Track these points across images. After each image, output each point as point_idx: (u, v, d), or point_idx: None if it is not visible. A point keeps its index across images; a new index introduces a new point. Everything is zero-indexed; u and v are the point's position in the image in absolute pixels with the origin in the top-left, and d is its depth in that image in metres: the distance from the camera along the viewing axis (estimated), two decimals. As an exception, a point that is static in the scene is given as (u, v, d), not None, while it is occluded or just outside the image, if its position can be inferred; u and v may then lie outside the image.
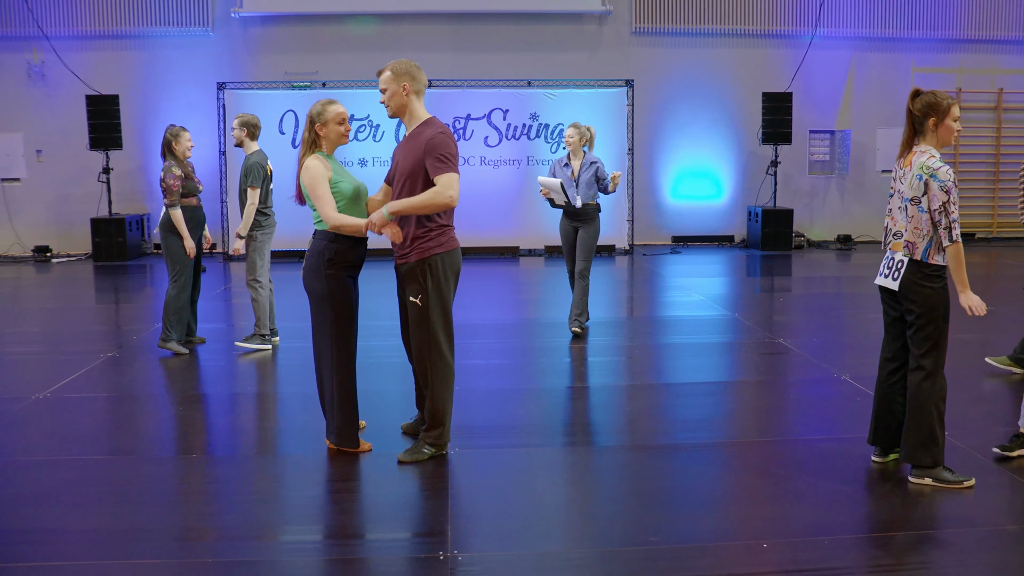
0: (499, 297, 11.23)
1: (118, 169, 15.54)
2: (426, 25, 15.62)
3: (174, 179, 7.71)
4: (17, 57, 15.75)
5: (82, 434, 5.82)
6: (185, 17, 15.73)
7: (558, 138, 15.01)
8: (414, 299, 5.00)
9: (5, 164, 15.96)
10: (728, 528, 4.30)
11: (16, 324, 9.98)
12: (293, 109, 14.92)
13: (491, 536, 4.19)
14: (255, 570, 3.85)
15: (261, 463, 5.29)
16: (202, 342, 8.24)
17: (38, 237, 16.02)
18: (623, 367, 7.55)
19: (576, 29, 15.85)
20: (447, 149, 4.85)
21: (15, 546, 4.09)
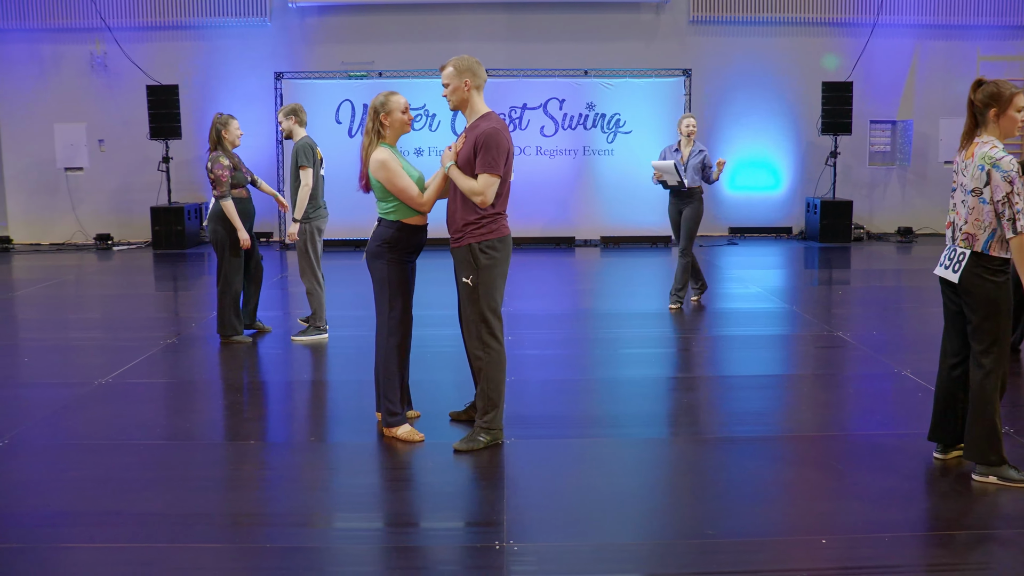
0: (554, 287, 11.21)
1: (177, 158, 15.74)
2: (482, 15, 15.60)
3: (222, 169, 7.68)
4: (81, 49, 16.00)
5: (142, 419, 5.90)
6: (243, 7, 15.87)
7: (615, 128, 14.91)
8: (465, 279, 5.11)
9: (69, 154, 16.24)
10: (785, 523, 4.25)
11: (78, 310, 10.17)
12: (349, 99, 14.98)
13: (546, 526, 4.18)
14: (310, 556, 3.87)
15: (316, 450, 5.33)
16: (268, 331, 8.32)
17: (100, 225, 16.29)
18: (678, 359, 7.50)
19: (633, 18, 15.73)
20: (498, 148, 4.97)
21: (80, 527, 4.17)
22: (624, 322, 8.72)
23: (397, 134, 5.32)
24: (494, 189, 4.98)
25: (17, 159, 16.40)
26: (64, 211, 16.43)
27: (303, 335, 7.99)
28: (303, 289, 8.10)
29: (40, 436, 5.52)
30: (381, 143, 5.25)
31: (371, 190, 5.31)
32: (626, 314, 9.14)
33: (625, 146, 14.92)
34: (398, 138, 5.35)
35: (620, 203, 14.92)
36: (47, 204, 16.46)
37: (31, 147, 16.29)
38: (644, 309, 9.43)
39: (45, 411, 6.00)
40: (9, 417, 5.87)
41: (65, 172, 16.33)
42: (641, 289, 11.08)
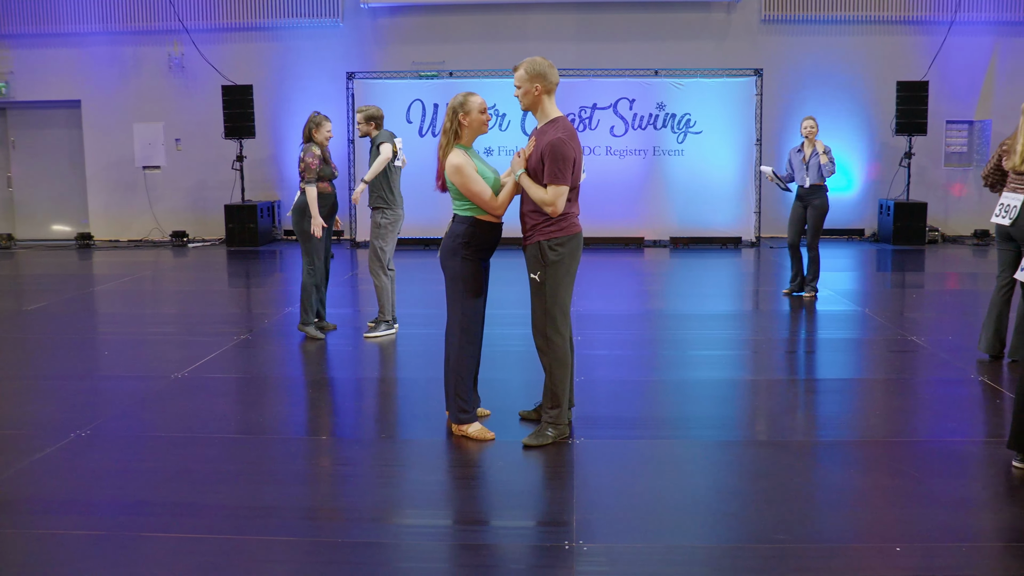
0: (623, 288, 11.18)
1: (251, 157, 16.01)
2: (552, 14, 15.62)
3: (313, 158, 7.86)
4: (159, 50, 16.36)
5: (216, 413, 6.03)
6: (316, 8, 16.07)
7: (685, 128, 14.83)
8: (533, 275, 5.16)
9: (147, 153, 16.61)
10: (859, 529, 4.18)
11: (155, 306, 10.40)
12: (420, 98, 15.10)
13: (616, 527, 4.17)
14: (381, 552, 3.93)
15: (386, 447, 5.39)
16: (333, 328, 8.40)
17: (176, 222, 16.64)
18: (748, 361, 7.44)
19: (704, 17, 15.63)
20: (564, 159, 4.99)
21: (159, 517, 4.28)
22: (693, 323, 8.67)
23: (475, 134, 5.34)
24: (563, 199, 5.02)
25: (98, 158, 16.83)
26: (142, 209, 16.81)
27: (374, 332, 8.10)
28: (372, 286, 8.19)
29: (120, 427, 5.67)
30: (457, 144, 5.27)
31: (447, 190, 5.35)
32: (695, 315, 9.09)
33: (695, 146, 14.84)
34: (475, 138, 5.37)
35: (690, 203, 14.85)
36: (126, 202, 16.87)
37: (111, 146, 16.70)
38: (714, 310, 9.38)
39: (124, 403, 6.16)
40: (91, 408, 6.05)
41: (143, 171, 16.71)
42: (711, 290, 11.02)
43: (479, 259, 5.30)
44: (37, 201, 17.44)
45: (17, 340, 8.37)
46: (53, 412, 6.02)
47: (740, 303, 10.39)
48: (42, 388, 6.70)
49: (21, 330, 8.81)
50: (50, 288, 11.53)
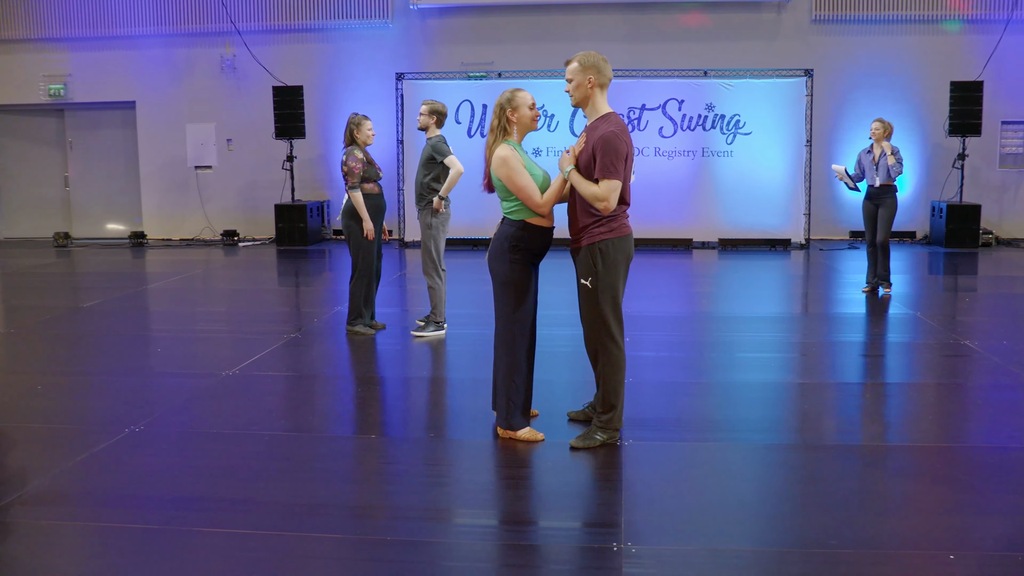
0: (671, 289, 11.14)
1: (301, 157, 16.17)
2: (601, 15, 15.61)
3: (356, 161, 7.93)
4: (212, 52, 16.58)
5: (266, 411, 6.10)
6: (366, 10, 16.19)
7: (734, 129, 14.74)
8: (584, 281, 5.08)
9: (199, 153, 16.84)
10: (911, 536, 4.11)
11: (206, 303, 10.54)
12: (469, 99, 15.16)
13: (665, 529, 4.16)
14: (429, 551, 3.95)
15: (434, 446, 5.41)
16: (382, 328, 8.46)
17: (227, 222, 16.85)
18: (797, 364, 7.38)
19: (754, 17, 15.52)
20: (617, 153, 4.89)
21: (211, 512, 4.34)
22: (741, 326, 8.63)
23: (524, 131, 5.26)
24: (616, 194, 4.92)
25: (152, 158, 17.09)
26: (194, 208, 17.04)
27: (423, 331, 8.14)
28: (422, 286, 8.24)
29: (172, 424, 5.76)
30: (506, 140, 5.19)
31: (494, 190, 5.30)
32: (744, 318, 9.05)
33: (745, 147, 14.75)
34: (524, 136, 5.29)
35: (739, 205, 14.76)
36: (178, 201, 17.11)
37: (165, 147, 16.96)
38: (762, 313, 9.33)
39: (177, 400, 6.25)
40: (144, 404, 6.14)
41: (195, 170, 16.95)
42: (759, 292, 10.95)
43: (528, 263, 5.21)
44: (92, 200, 17.76)
45: (73, 336, 8.53)
46: (108, 408, 6.13)
47: (789, 306, 10.31)
48: (97, 384, 6.83)
49: (77, 326, 8.97)
50: (105, 286, 11.73)
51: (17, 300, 11.02)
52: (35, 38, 17.06)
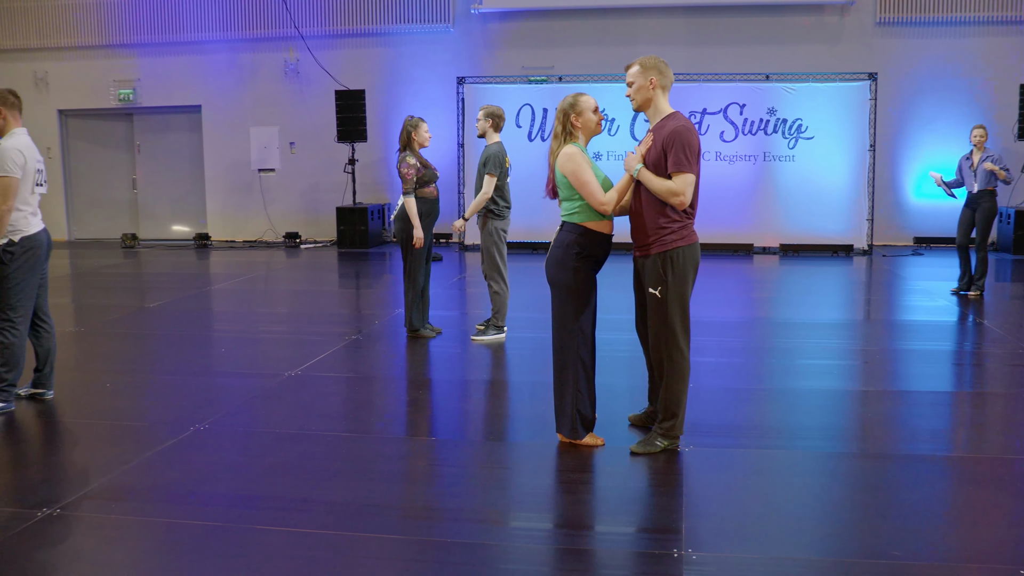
0: (732, 295, 11.07)
1: (362, 160, 16.33)
2: (662, 19, 15.56)
3: (409, 168, 7.98)
4: (276, 56, 16.82)
5: (327, 411, 6.17)
6: (428, 14, 16.32)
7: (796, 133, 14.61)
8: (653, 291, 5.02)
9: (262, 156, 17.09)
10: (978, 549, 4.02)
11: (268, 305, 10.69)
12: (530, 103, 15.20)
13: (726, 537, 4.12)
14: (487, 553, 3.96)
15: (492, 449, 5.43)
16: (439, 332, 8.51)
17: (289, 224, 17.07)
18: (858, 371, 7.30)
19: (817, 20, 15.36)
20: (689, 146, 4.85)
21: (271, 511, 4.40)
22: (803, 332, 8.55)
23: (589, 135, 5.21)
24: (691, 189, 4.86)
25: (216, 161, 17.39)
26: (257, 210, 17.29)
27: (483, 335, 8.18)
28: (481, 290, 8.27)
29: (236, 422, 5.85)
30: (571, 143, 5.15)
31: (557, 195, 5.26)
32: (805, 324, 8.96)
33: (807, 152, 14.61)
34: (589, 140, 5.25)
35: (800, 210, 14.63)
36: (242, 203, 17.37)
37: (229, 150, 17.24)
38: (824, 319, 9.23)
39: (240, 399, 6.36)
40: (209, 403, 6.26)
41: (259, 173, 17.19)
42: (821, 299, 10.84)
43: (589, 268, 5.15)
44: (159, 202, 18.12)
45: (139, 336, 8.70)
46: (174, 406, 6.25)
47: (851, 312, 10.19)
48: (163, 383, 6.96)
49: (143, 326, 9.15)
50: (170, 286, 11.96)
51: (86, 300, 11.27)
52: (106, 44, 17.47)
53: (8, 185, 5.88)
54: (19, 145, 6.01)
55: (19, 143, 6.03)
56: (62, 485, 4.79)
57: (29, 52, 17.85)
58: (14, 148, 5.96)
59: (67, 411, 6.19)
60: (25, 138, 6.13)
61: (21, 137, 6.10)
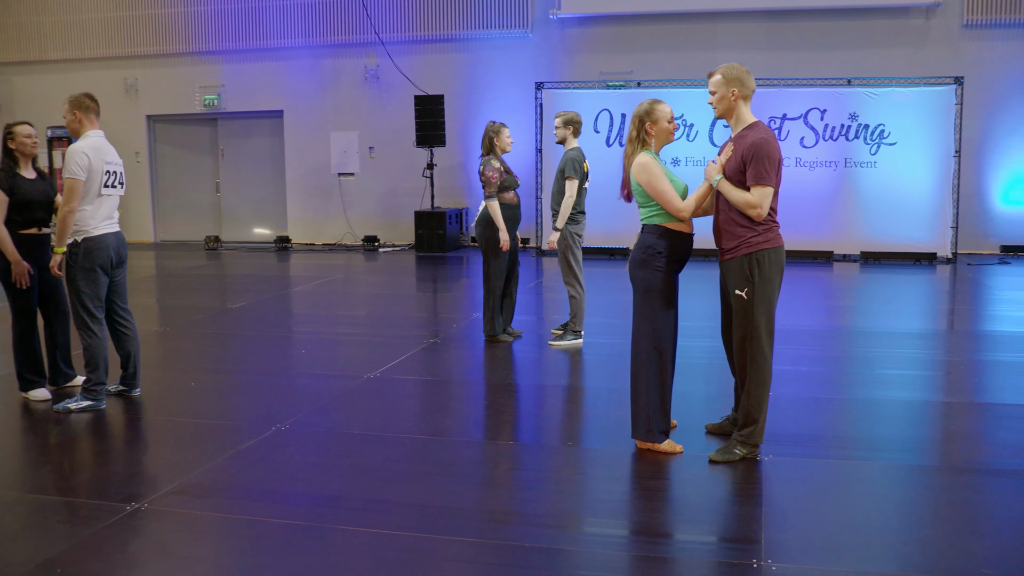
0: (811, 302, 10.92)
1: (441, 165, 16.46)
2: (742, 23, 15.42)
3: (492, 171, 8.05)
4: (356, 62, 17.05)
5: (405, 414, 6.24)
6: (506, 19, 16.39)
7: (878, 139, 14.36)
8: (739, 292, 5.02)
9: (342, 160, 17.32)
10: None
11: (346, 307, 10.83)
12: (608, 108, 15.18)
13: (807, 548, 4.06)
14: (563, 558, 3.97)
15: (568, 454, 5.44)
16: (518, 336, 8.55)
17: (368, 227, 17.27)
18: (942, 382, 7.14)
19: (901, 24, 15.08)
20: (769, 159, 4.85)
21: (351, 511, 4.47)
22: (884, 341, 8.41)
23: (662, 143, 5.28)
24: (768, 201, 4.87)
25: (297, 165, 17.67)
26: (336, 214, 17.53)
27: (560, 340, 8.20)
28: (558, 294, 8.29)
29: (316, 423, 5.95)
30: (644, 150, 5.22)
31: (632, 199, 5.32)
32: (886, 333, 8.80)
33: (889, 158, 14.36)
34: (662, 147, 5.31)
35: (882, 217, 14.37)
36: (321, 207, 17.63)
37: (310, 154, 17.51)
38: (905, 328, 9.07)
39: (321, 400, 6.46)
40: (290, 404, 6.37)
41: (338, 177, 17.42)
42: (903, 307, 10.65)
43: (671, 270, 5.19)
44: (241, 205, 18.47)
45: (222, 336, 8.89)
46: (256, 406, 6.38)
47: (934, 322, 9.99)
48: (246, 383, 7.11)
49: (225, 327, 9.35)
50: (251, 288, 12.19)
51: (170, 300, 11.54)
52: (192, 52, 17.87)
53: (72, 187, 6.00)
54: (86, 147, 6.11)
55: (87, 145, 6.13)
56: (149, 481, 4.94)
57: (121, 60, 18.37)
58: (80, 151, 6.07)
59: (153, 409, 6.36)
60: (96, 140, 6.23)
61: (92, 139, 6.21)
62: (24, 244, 6.38)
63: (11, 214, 6.33)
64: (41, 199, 6.45)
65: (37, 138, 6.61)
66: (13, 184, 6.32)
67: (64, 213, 6.01)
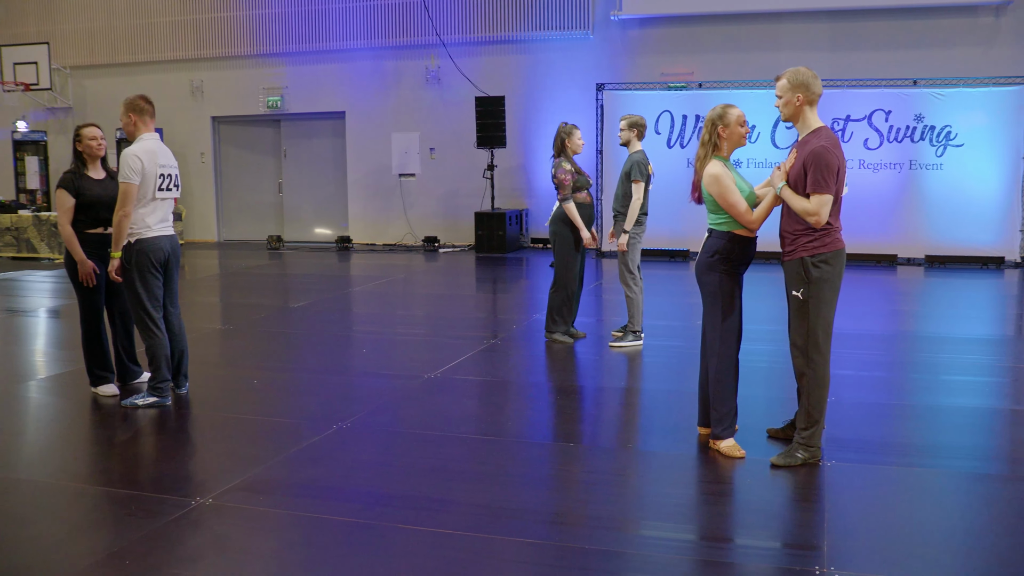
0: (874, 306, 10.77)
1: (501, 166, 16.50)
2: (804, 23, 15.25)
3: (565, 173, 8.08)
4: (418, 64, 17.16)
5: (466, 414, 6.28)
6: (567, 21, 16.38)
7: (945, 140, 14.12)
8: (795, 292, 5.03)
9: (403, 161, 17.45)
10: None
11: (407, 307, 10.91)
12: (669, 110, 15.12)
13: (871, 556, 4.00)
14: (624, 561, 3.96)
15: (629, 456, 5.43)
16: (582, 336, 8.55)
17: (428, 228, 17.38)
18: (1008, 389, 7.00)
19: (969, 23, 14.79)
20: (828, 167, 4.85)
21: (412, 510, 4.50)
22: (948, 347, 8.27)
23: (733, 147, 5.33)
24: (827, 208, 4.87)
25: (359, 166, 17.84)
26: (397, 214, 17.66)
27: (620, 341, 8.20)
28: (618, 296, 8.27)
29: (377, 422, 6.01)
30: (715, 156, 5.26)
31: (703, 202, 5.37)
32: (951, 338, 8.66)
33: (956, 160, 14.12)
34: (733, 151, 5.35)
35: (948, 220, 14.13)
36: (382, 207, 17.78)
37: (371, 155, 17.66)
38: (971, 334, 8.91)
39: (382, 399, 6.52)
40: (352, 402, 6.44)
41: (399, 178, 17.54)
42: (968, 312, 10.46)
43: (736, 274, 5.29)
44: (303, 206, 18.69)
45: (284, 335, 9.00)
46: (318, 404, 6.46)
47: (1001, 327, 9.80)
48: (307, 381, 7.19)
49: (287, 326, 9.46)
50: (313, 287, 12.32)
51: (234, 299, 11.72)
52: (256, 54, 18.12)
53: (126, 191, 6.09)
54: (139, 151, 6.18)
55: (140, 149, 6.20)
56: (213, 477, 5.02)
57: (187, 63, 18.70)
58: (133, 154, 6.14)
59: (216, 406, 6.47)
60: (150, 143, 6.30)
61: (146, 142, 6.28)
62: (90, 243, 6.53)
63: (78, 214, 6.49)
64: (107, 199, 6.55)
65: (104, 139, 6.75)
66: (80, 186, 6.47)
67: (119, 217, 6.11)
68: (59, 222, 6.48)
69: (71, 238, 6.45)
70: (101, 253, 6.56)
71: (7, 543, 4.19)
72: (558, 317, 8.32)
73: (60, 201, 6.46)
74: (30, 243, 16.13)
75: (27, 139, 18.95)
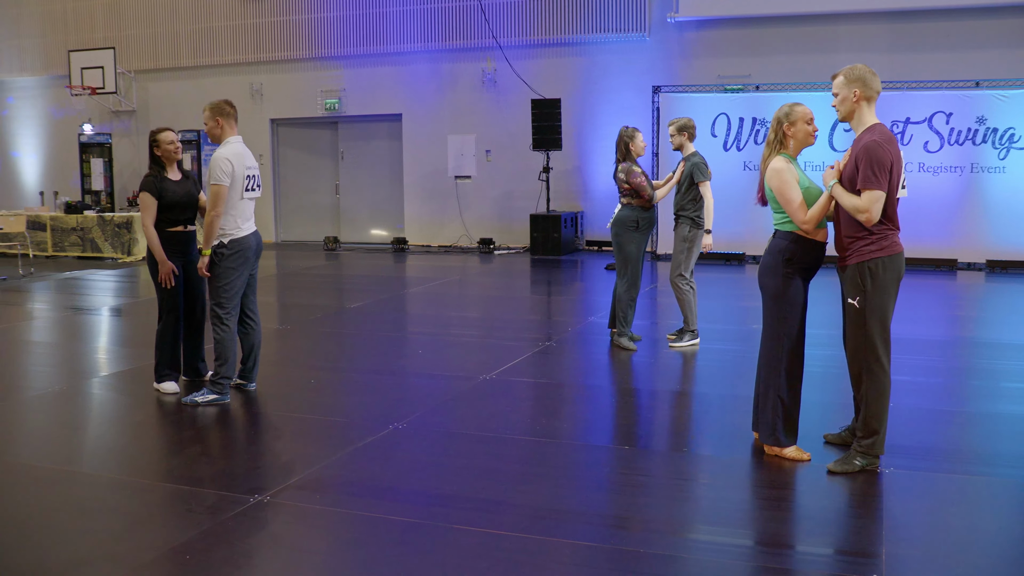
0: (933, 312, 10.62)
1: (557, 169, 16.52)
2: (863, 24, 15.07)
3: (638, 177, 8.07)
4: (474, 66, 17.24)
5: (520, 416, 6.30)
6: (624, 23, 16.36)
7: (1007, 143, 13.87)
8: (852, 300, 4.95)
9: (459, 163, 17.53)
10: None
11: (462, 309, 10.97)
12: (726, 112, 15.03)
13: (929, 566, 3.94)
14: (680, 566, 3.95)
15: (685, 460, 5.40)
16: (638, 339, 8.54)
17: (483, 230, 17.45)
18: (1074, 397, 6.88)
19: (1035, 24, 14.53)
20: (879, 162, 4.74)
21: (467, 511, 4.53)
22: (1010, 353, 8.13)
23: (800, 146, 5.26)
24: (879, 205, 4.76)
25: (415, 168, 17.96)
26: (452, 216, 17.75)
27: (678, 341, 8.20)
28: (673, 299, 8.23)
29: (432, 423, 6.05)
30: (782, 153, 5.20)
31: (767, 203, 5.31)
32: (1012, 345, 8.51)
33: (1019, 163, 13.86)
34: (800, 150, 5.28)
35: (1011, 224, 13.88)
36: (438, 209, 17.88)
37: (427, 157, 17.78)
38: None
39: (437, 400, 6.58)
40: (408, 403, 6.51)
41: (455, 180, 17.63)
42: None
43: (801, 277, 5.17)
44: (360, 207, 18.86)
45: (340, 335, 9.10)
46: (374, 404, 6.52)
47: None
48: (363, 381, 7.27)
49: (343, 326, 9.57)
50: (369, 288, 12.44)
51: (291, 299, 11.86)
52: (315, 57, 18.32)
53: (218, 193, 6.32)
54: (228, 154, 6.41)
55: (229, 152, 6.44)
56: (271, 474, 5.10)
57: (247, 66, 18.98)
58: (223, 157, 6.37)
59: (274, 404, 6.57)
60: (237, 146, 6.53)
61: (234, 145, 6.51)
62: (170, 241, 6.76)
63: (160, 214, 6.71)
64: (186, 199, 6.81)
65: (179, 143, 6.94)
66: (161, 188, 6.69)
67: (211, 218, 6.34)
68: (143, 223, 6.71)
69: (154, 238, 6.67)
70: (182, 250, 6.82)
71: (71, 535, 4.29)
72: (625, 321, 8.27)
73: (144, 203, 6.69)
74: (94, 243, 16.48)
75: (92, 141, 19.37)
